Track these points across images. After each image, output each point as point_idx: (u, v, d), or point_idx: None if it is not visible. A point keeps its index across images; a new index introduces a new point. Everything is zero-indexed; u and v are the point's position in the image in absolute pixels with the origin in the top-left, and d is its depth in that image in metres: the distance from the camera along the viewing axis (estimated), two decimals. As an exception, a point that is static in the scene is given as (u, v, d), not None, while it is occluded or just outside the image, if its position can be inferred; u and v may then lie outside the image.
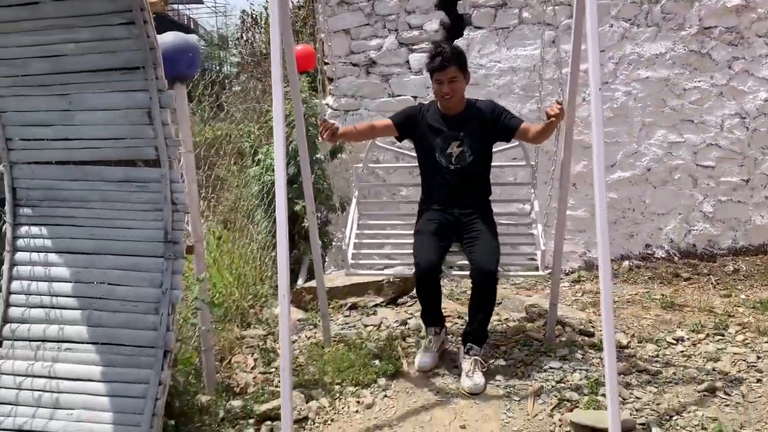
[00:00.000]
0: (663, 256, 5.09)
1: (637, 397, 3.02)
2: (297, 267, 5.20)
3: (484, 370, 3.27)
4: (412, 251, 3.46)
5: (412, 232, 3.62)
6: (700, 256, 5.03)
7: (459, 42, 5.27)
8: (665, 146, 4.98)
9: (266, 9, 9.35)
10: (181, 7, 45.87)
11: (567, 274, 5.28)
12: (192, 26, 41.27)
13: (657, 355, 3.49)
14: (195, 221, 3.20)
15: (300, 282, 5.07)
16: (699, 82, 4.87)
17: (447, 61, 3.27)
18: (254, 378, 3.44)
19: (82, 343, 2.36)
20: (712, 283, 4.77)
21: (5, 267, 2.38)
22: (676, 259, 5.06)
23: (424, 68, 3.51)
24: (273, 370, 3.53)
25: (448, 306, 4.52)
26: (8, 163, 2.48)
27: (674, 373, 3.25)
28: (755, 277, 4.78)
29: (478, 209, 3.49)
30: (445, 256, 3.45)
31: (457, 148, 3.41)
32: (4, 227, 2.43)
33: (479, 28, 5.22)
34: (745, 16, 4.73)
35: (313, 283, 4.81)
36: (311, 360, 3.54)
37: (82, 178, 2.45)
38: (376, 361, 3.43)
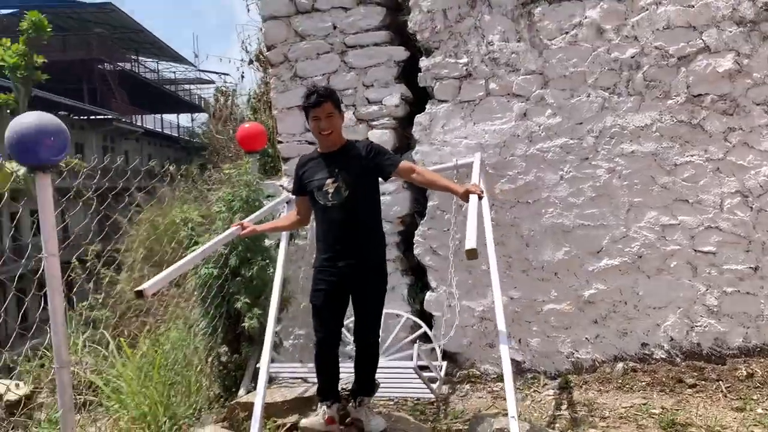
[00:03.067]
0: (663, 357, 4.35)
1: None
2: (239, 374, 4.51)
3: (378, 411, 3.76)
4: None
5: None
6: (706, 358, 4.27)
7: (421, 117, 4.76)
8: (657, 229, 4.32)
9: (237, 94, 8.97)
10: (192, 87, 47.10)
11: (552, 378, 4.54)
12: (203, 105, 42.17)
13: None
14: (60, 344, 2.59)
15: (241, 392, 4.37)
16: (692, 156, 4.26)
17: (322, 97, 3.35)
18: None
19: None
20: (722, 391, 4.02)
21: None
22: (678, 360, 4.31)
23: (301, 109, 3.60)
24: None
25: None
26: None
27: None
28: (774, 383, 4.03)
29: (364, 259, 3.46)
30: (343, 321, 3.60)
31: (333, 184, 3.41)
32: None
33: (443, 101, 4.70)
34: (739, 82, 4.16)
35: (252, 397, 4.12)
36: None
37: None
38: None
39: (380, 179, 3.59)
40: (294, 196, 3.84)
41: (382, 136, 4.84)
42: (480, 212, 3.31)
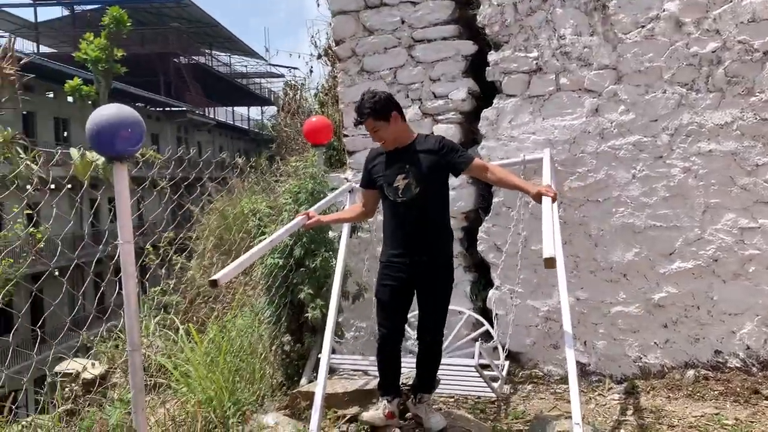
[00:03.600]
0: (738, 365, 4.15)
1: None
2: (302, 363, 4.59)
3: (438, 408, 3.76)
4: None
5: None
6: (786, 369, 4.06)
7: (488, 112, 4.69)
8: (735, 232, 4.13)
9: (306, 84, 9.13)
10: (262, 80, 48.10)
11: (618, 382, 4.41)
12: (272, 99, 43.10)
13: None
14: (132, 327, 2.70)
15: (303, 381, 4.45)
16: (775, 156, 4.05)
17: (361, 116, 3.38)
18: None
19: None
20: (802, 405, 3.81)
21: None
22: (754, 370, 4.11)
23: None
24: None
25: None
26: None
27: None
28: None
29: (433, 257, 3.44)
30: (407, 317, 3.59)
31: (403, 180, 3.40)
32: None
33: (511, 96, 4.62)
34: (830, 78, 3.92)
35: (313, 386, 4.19)
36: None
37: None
38: None
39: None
40: (359, 187, 3.86)
41: (447, 131, 4.80)
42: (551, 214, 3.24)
